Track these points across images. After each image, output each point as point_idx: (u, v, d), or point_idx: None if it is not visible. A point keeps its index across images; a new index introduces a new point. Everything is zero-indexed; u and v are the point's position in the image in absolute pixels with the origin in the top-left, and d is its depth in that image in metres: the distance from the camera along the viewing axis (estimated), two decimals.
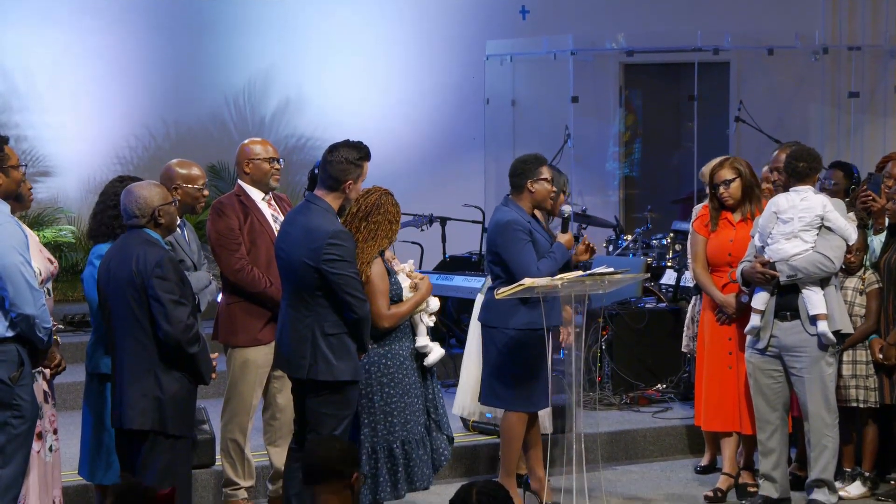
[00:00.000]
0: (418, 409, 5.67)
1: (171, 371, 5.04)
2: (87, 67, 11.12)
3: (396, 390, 5.63)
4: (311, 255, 5.26)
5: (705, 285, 6.58)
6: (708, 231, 6.61)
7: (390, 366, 5.64)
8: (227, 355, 6.18)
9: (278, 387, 6.19)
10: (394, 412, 5.61)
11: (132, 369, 5.02)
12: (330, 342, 5.31)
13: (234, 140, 10.75)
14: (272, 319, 6.01)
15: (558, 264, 6.13)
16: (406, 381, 5.65)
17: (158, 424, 5.01)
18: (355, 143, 5.44)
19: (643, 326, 8.48)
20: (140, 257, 4.99)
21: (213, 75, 11.60)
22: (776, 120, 11.79)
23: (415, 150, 12.10)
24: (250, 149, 6.24)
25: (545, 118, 12.19)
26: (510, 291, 5.82)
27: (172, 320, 4.95)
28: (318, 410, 5.35)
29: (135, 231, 5.11)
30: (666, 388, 8.35)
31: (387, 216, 5.60)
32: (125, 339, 5.04)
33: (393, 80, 12.13)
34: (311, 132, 11.89)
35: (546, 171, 6.20)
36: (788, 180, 6.22)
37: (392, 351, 5.66)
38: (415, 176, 11.72)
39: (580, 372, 6.11)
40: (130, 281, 4.99)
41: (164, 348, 5.00)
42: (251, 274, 6.04)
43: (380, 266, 5.57)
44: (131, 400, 5.01)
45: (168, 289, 4.97)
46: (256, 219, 6.14)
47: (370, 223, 5.58)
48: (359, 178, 5.43)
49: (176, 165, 5.97)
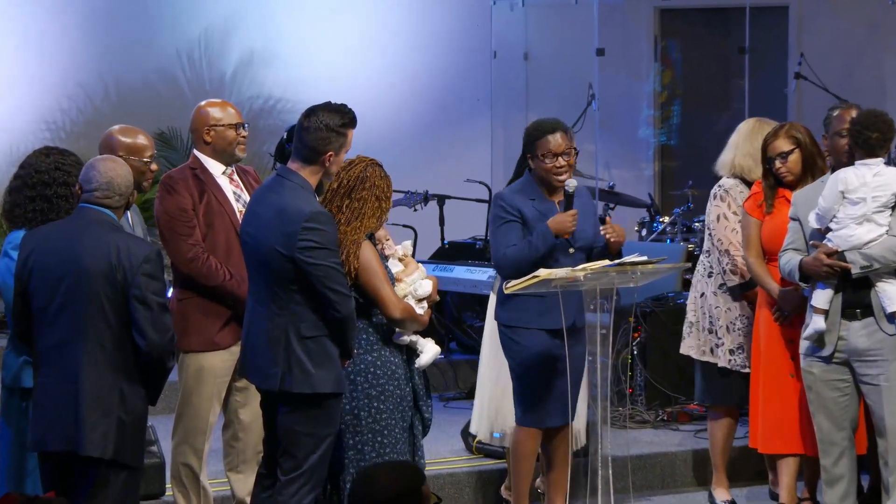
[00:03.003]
0: (405, 427, 5.69)
1: (137, 388, 5.06)
2: (8, 14, 11.10)
3: (387, 405, 5.64)
4: (284, 242, 5.28)
5: (761, 278, 6.59)
6: (762, 212, 6.62)
7: (380, 375, 5.65)
8: (179, 362, 6.18)
9: (241, 400, 6.20)
10: (384, 431, 5.63)
11: (92, 383, 5.01)
12: (307, 346, 5.32)
13: (187, 102, 10.73)
14: (233, 319, 6.04)
15: (536, 252, 6.13)
16: (398, 393, 5.67)
17: (119, 453, 5.03)
18: (337, 106, 5.45)
19: None
20: (122, 249, 5.00)
21: (161, 23, 11.59)
22: (844, 75, 11.79)
23: (407, 115, 12.09)
24: (208, 112, 6.24)
25: (564, 75, 12.18)
26: (521, 284, 5.84)
27: (160, 327, 4.99)
28: (292, 429, 5.36)
29: (93, 210, 5.09)
30: None
31: (374, 191, 5.61)
32: (87, 345, 5.01)
33: (380, 29, 12.11)
34: (282, 92, 11.87)
35: (546, 145, 6.19)
36: (855, 152, 6.21)
37: (383, 358, 5.67)
38: (407, 145, 11.72)
39: (607, 382, 6.13)
40: (108, 276, 4.98)
41: (137, 360, 5.01)
42: (207, 263, 6.06)
43: (370, 249, 5.57)
44: (91, 421, 4.99)
45: (157, 290, 5.01)
46: (215, 196, 6.15)
47: (354, 201, 5.58)
48: (341, 148, 5.43)
49: (118, 133, 5.98)
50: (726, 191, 6.94)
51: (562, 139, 6.21)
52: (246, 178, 6.36)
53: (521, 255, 6.16)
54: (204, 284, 6.08)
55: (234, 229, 6.04)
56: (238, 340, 5.84)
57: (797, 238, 6.29)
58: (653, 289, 8.54)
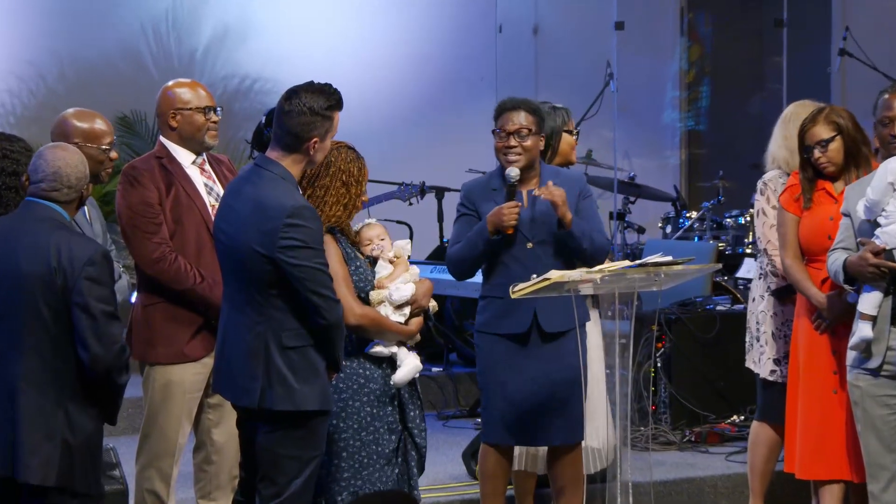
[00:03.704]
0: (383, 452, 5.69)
1: (86, 406, 5.06)
2: None
3: (350, 423, 5.65)
4: (263, 240, 5.28)
5: (799, 282, 6.59)
6: (800, 208, 6.63)
7: (342, 390, 5.66)
8: (144, 376, 6.20)
9: (215, 419, 6.22)
10: (341, 453, 5.63)
11: (32, 401, 4.99)
12: (289, 358, 5.33)
13: (153, 82, 10.75)
14: (205, 327, 6.05)
15: (475, 249, 6.27)
16: (367, 411, 5.67)
17: (66, 479, 5.01)
18: (321, 87, 5.46)
19: (713, 336, 8.51)
20: (63, 250, 4.97)
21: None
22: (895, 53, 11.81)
23: (401, 97, 12.11)
24: (176, 94, 6.25)
25: (579, 52, 12.21)
26: (531, 288, 5.85)
27: (105, 339, 4.96)
28: (273, 451, 5.37)
29: (39, 206, 5.08)
30: (745, 421, 8.38)
31: (339, 176, 5.63)
32: (25, 358, 4.99)
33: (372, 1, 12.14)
34: (259, 71, 11.89)
35: (501, 121, 6.29)
36: None
37: (347, 370, 5.66)
38: (401, 131, 11.75)
39: (627, 399, 6.14)
40: (46, 280, 4.96)
41: (83, 375, 5.01)
42: (175, 265, 6.07)
43: (330, 244, 5.58)
44: (30, 444, 4.98)
45: (102, 296, 4.98)
46: (184, 189, 6.16)
47: (317, 189, 5.62)
48: (327, 133, 5.44)
49: (73, 118, 5.99)
50: (765, 183, 6.96)
51: (520, 119, 6.28)
52: (219, 168, 6.37)
53: (463, 253, 6.32)
54: (172, 288, 6.08)
55: (206, 226, 6.05)
56: (211, 351, 5.85)
57: (848, 236, 6.27)
58: (679, 293, 8.56)
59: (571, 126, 6.91)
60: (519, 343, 6.33)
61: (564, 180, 6.39)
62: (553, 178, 6.32)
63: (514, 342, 6.32)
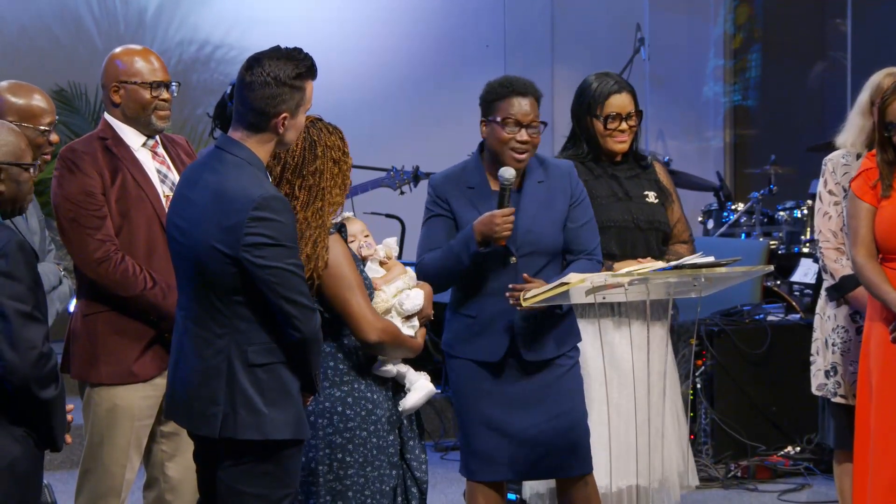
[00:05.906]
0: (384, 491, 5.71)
1: (9, 427, 5.07)
2: None
3: (356, 457, 5.65)
4: (226, 237, 5.28)
5: (873, 283, 6.60)
6: (876, 196, 6.64)
7: (350, 417, 5.66)
8: (84, 399, 6.22)
9: (169, 451, 6.24)
10: (347, 493, 5.65)
11: None
12: (257, 378, 5.33)
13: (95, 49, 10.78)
14: (157, 341, 6.08)
15: (459, 263, 6.23)
16: (374, 442, 5.68)
17: None
18: (288, 52, 5.43)
19: (764, 351, 8.53)
20: None
21: None
22: None
23: (393, 69, 12.15)
24: (124, 63, 6.26)
25: (604, 14, 12.23)
26: (545, 294, 5.86)
27: (20, 344, 4.97)
28: (237, 489, 5.37)
29: None
30: (801, 453, 8.40)
31: (329, 154, 5.57)
32: None
33: None
34: (222, 37, 11.93)
35: (509, 108, 6.22)
36: None
37: (356, 393, 5.68)
38: (391, 107, 11.77)
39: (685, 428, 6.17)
40: None
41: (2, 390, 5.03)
42: (122, 266, 6.08)
43: (339, 245, 5.58)
44: None
45: (16, 294, 4.98)
46: (132, 176, 6.18)
47: (308, 176, 5.58)
48: (298, 107, 5.41)
49: (6, 92, 6.00)
50: (825, 163, 6.99)
51: (530, 108, 6.25)
52: (175, 151, 6.38)
53: (444, 265, 6.27)
54: (117, 294, 6.09)
55: (159, 221, 6.07)
56: (163, 370, 5.87)
57: None
58: (722, 300, 8.58)
59: None
60: (494, 372, 6.32)
61: (552, 173, 6.38)
62: (539, 171, 6.29)
63: (488, 371, 6.33)
